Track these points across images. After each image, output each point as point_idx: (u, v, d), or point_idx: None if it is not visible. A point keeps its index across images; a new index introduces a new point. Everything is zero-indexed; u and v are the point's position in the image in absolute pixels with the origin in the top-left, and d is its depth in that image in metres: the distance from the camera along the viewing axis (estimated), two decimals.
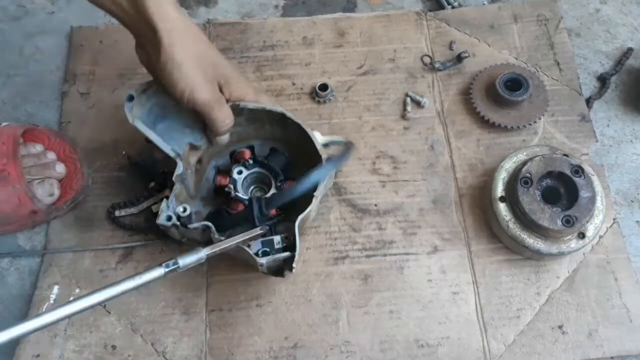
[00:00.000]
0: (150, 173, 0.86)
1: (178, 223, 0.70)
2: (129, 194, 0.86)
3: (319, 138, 0.76)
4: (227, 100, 0.73)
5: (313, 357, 0.77)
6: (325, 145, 0.77)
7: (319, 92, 0.93)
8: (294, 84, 0.95)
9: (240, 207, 0.77)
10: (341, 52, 0.98)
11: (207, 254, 0.63)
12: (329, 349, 0.78)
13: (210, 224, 0.70)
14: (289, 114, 0.76)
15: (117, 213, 0.84)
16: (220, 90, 0.71)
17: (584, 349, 0.77)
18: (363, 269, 0.82)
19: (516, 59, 0.97)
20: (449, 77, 0.96)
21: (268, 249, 0.71)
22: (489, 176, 0.84)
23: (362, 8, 1.05)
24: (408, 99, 0.93)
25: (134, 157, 0.88)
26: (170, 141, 0.74)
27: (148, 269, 0.60)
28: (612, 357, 0.77)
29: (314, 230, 0.85)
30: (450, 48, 0.98)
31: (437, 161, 0.89)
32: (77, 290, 0.81)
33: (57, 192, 0.82)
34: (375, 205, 0.86)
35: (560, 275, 0.81)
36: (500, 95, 0.88)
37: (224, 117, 0.72)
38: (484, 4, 1.04)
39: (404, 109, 0.93)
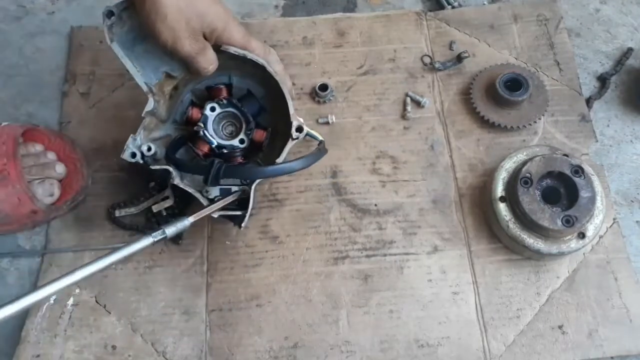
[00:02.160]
0: (150, 173, 0.86)
1: (141, 161, 0.73)
2: (129, 194, 0.86)
3: (302, 126, 0.76)
4: (213, 45, 0.72)
5: (313, 357, 0.77)
6: (306, 135, 0.77)
7: (319, 92, 0.93)
8: (294, 84, 0.95)
9: (206, 148, 0.78)
10: (341, 52, 0.98)
11: (191, 221, 0.67)
12: (329, 349, 0.78)
13: (170, 168, 0.73)
14: (270, 69, 0.74)
15: (117, 213, 0.84)
16: (207, 38, 0.71)
17: (584, 349, 0.77)
18: (363, 269, 0.82)
19: (516, 59, 0.97)
20: (449, 77, 0.96)
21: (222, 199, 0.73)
22: (489, 176, 0.84)
23: (362, 8, 1.05)
24: (408, 99, 0.93)
25: None
26: (147, 67, 0.74)
27: (136, 239, 0.63)
28: (612, 357, 0.77)
29: (314, 230, 0.85)
30: (450, 48, 0.98)
31: (437, 161, 0.89)
32: (77, 290, 0.81)
33: (57, 192, 0.82)
34: (375, 205, 0.86)
35: (560, 275, 0.81)
36: (500, 95, 0.88)
37: (206, 65, 0.72)
38: (484, 4, 1.04)
39: (404, 109, 0.93)
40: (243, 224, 0.72)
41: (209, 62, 0.72)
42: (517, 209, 0.77)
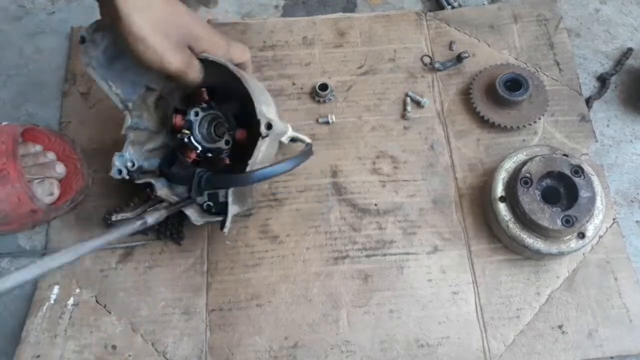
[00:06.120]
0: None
1: (127, 177, 0.74)
2: (128, 194, 0.86)
3: (288, 131, 0.74)
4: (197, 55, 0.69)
5: (313, 357, 0.77)
6: (292, 139, 0.75)
7: (319, 92, 0.93)
8: (294, 84, 0.95)
9: (193, 155, 0.77)
10: (341, 52, 0.98)
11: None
12: (329, 348, 0.78)
13: (153, 181, 0.74)
14: (245, 80, 0.69)
15: (113, 218, 0.83)
16: (191, 48, 0.67)
17: (583, 349, 0.77)
18: (363, 268, 0.82)
19: (516, 59, 0.97)
20: (449, 77, 0.96)
21: (212, 203, 0.73)
22: (489, 176, 0.84)
23: (362, 8, 1.05)
24: (408, 99, 0.93)
25: None
26: (126, 83, 0.73)
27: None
28: (612, 357, 0.77)
29: (314, 230, 0.85)
30: (450, 48, 0.98)
31: (437, 161, 0.89)
32: (77, 290, 0.81)
33: (56, 191, 0.82)
34: (375, 205, 0.86)
35: (560, 275, 0.81)
36: (500, 95, 0.88)
37: (195, 77, 0.69)
38: (484, 4, 1.04)
39: (404, 109, 0.93)
40: (225, 230, 0.71)
41: (197, 72, 0.69)
42: (517, 209, 0.77)
